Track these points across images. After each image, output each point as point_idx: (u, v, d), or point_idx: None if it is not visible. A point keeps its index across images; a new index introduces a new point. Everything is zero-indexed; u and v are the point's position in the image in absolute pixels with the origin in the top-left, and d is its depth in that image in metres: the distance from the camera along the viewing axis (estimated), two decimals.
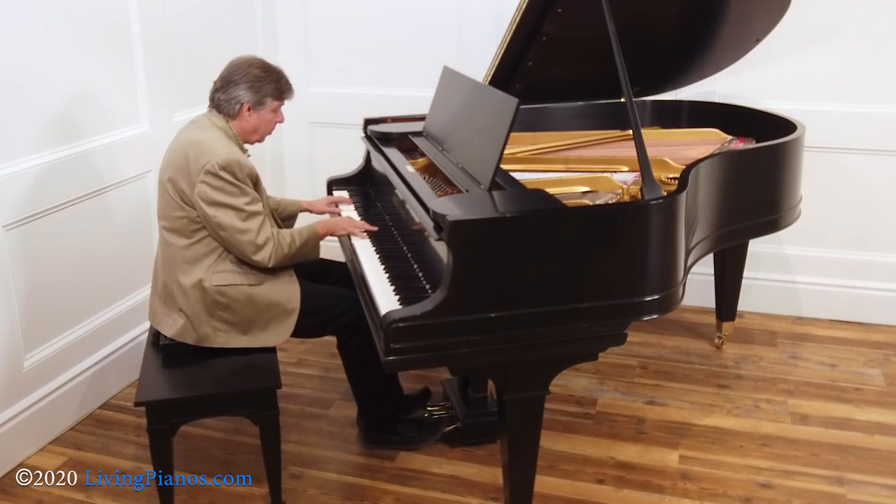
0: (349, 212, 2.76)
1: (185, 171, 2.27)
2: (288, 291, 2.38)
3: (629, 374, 3.18)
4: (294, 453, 2.67)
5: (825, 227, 3.56)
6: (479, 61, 2.96)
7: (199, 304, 2.32)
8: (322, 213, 2.79)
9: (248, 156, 2.44)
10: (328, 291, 2.50)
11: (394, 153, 2.72)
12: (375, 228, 2.54)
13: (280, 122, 2.49)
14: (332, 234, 2.52)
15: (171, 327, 2.35)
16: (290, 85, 2.47)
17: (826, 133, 3.38)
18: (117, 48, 2.97)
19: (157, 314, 2.42)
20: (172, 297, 2.36)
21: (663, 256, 2.04)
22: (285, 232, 2.38)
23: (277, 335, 2.38)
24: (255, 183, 2.34)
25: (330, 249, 3.10)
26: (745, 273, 3.31)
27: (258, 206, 2.30)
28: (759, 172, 2.72)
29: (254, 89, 2.36)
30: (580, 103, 3.32)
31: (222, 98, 2.38)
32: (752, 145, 2.86)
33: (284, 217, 2.76)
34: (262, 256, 2.29)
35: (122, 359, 3.08)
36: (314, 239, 2.43)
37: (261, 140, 2.48)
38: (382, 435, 2.68)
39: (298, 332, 2.42)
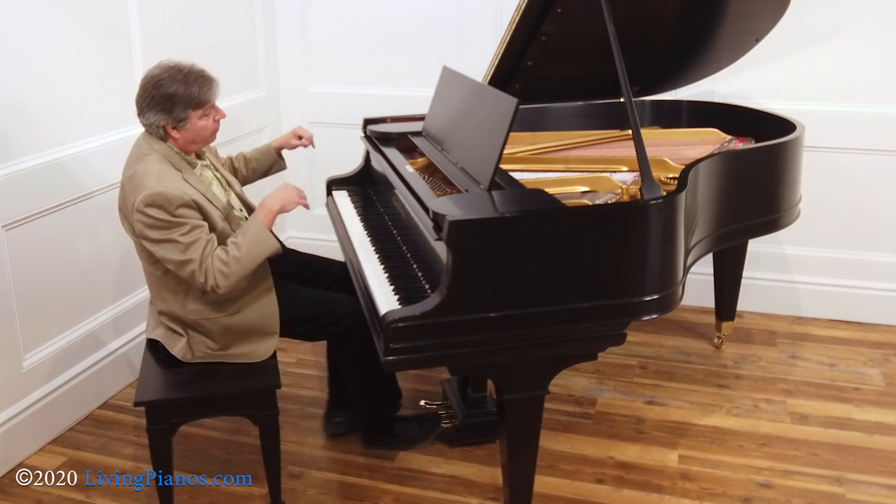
0: (351, 219, 2.74)
1: (125, 209, 2.21)
2: (266, 317, 2.31)
3: (629, 373, 3.18)
4: (294, 453, 2.67)
5: (825, 227, 3.56)
6: (479, 61, 2.96)
7: (181, 328, 2.32)
8: (294, 146, 2.80)
9: (206, 164, 2.37)
10: (321, 298, 2.45)
11: (393, 153, 2.72)
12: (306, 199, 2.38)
13: (220, 118, 2.31)
14: (282, 212, 2.30)
15: (160, 340, 2.36)
16: (208, 86, 2.23)
17: (826, 133, 3.38)
18: (116, 48, 2.97)
19: (149, 326, 2.42)
20: (157, 318, 2.36)
21: (663, 256, 2.04)
22: (225, 246, 2.19)
23: (258, 354, 2.33)
24: (198, 206, 2.17)
25: (330, 249, 3.10)
26: (745, 273, 3.31)
27: (197, 234, 2.14)
28: (758, 172, 2.72)
29: (166, 110, 2.18)
30: (580, 103, 3.32)
31: (144, 123, 2.24)
32: (752, 145, 2.86)
33: (266, 169, 2.76)
34: (210, 285, 2.15)
35: (122, 359, 3.08)
36: (261, 233, 2.21)
37: (207, 143, 2.35)
38: (381, 438, 2.67)
39: (290, 336, 2.42)
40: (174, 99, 2.18)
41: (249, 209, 2.50)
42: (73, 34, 2.76)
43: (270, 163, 2.79)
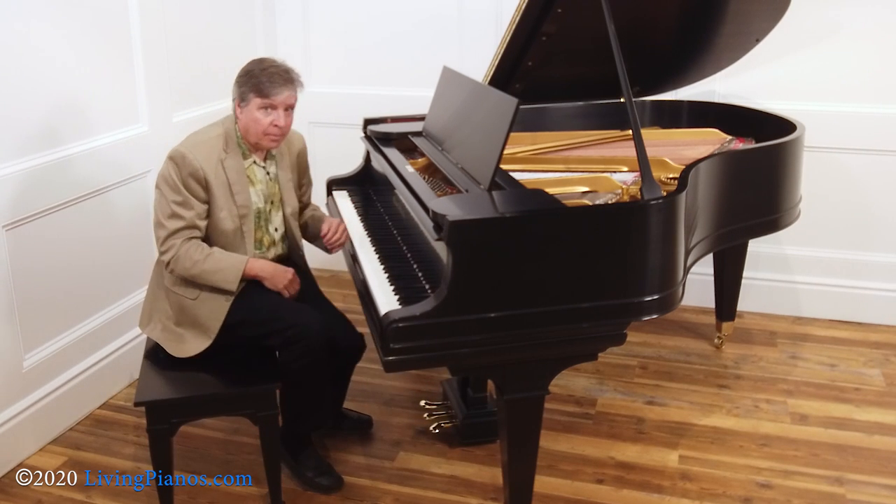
0: (351, 219, 2.73)
1: None
2: (211, 318, 2.32)
3: (629, 374, 3.18)
4: None
5: (825, 227, 3.56)
6: (479, 61, 2.97)
7: (154, 289, 2.43)
8: (322, 233, 2.60)
9: (262, 166, 2.40)
10: (280, 306, 2.35)
11: (393, 153, 2.72)
12: (292, 292, 2.39)
13: (276, 125, 2.30)
14: (263, 282, 2.35)
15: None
16: (276, 83, 2.27)
17: (826, 133, 3.38)
18: (117, 48, 2.97)
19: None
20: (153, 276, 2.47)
21: (663, 256, 2.04)
22: (210, 249, 2.28)
23: (190, 350, 2.33)
24: (207, 185, 2.27)
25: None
26: (745, 273, 3.31)
27: (185, 212, 2.25)
28: (758, 172, 2.72)
29: (239, 84, 2.32)
30: (580, 103, 3.32)
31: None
32: (752, 145, 2.86)
33: (310, 237, 2.64)
34: (164, 259, 2.29)
35: (122, 359, 3.08)
36: (233, 272, 2.28)
37: (259, 145, 2.35)
38: (285, 453, 2.50)
39: (239, 339, 2.37)
40: (247, 76, 2.31)
41: (291, 238, 2.51)
42: (73, 35, 2.75)
43: (316, 234, 2.62)
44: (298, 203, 2.58)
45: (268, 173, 2.44)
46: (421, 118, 2.90)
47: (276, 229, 2.48)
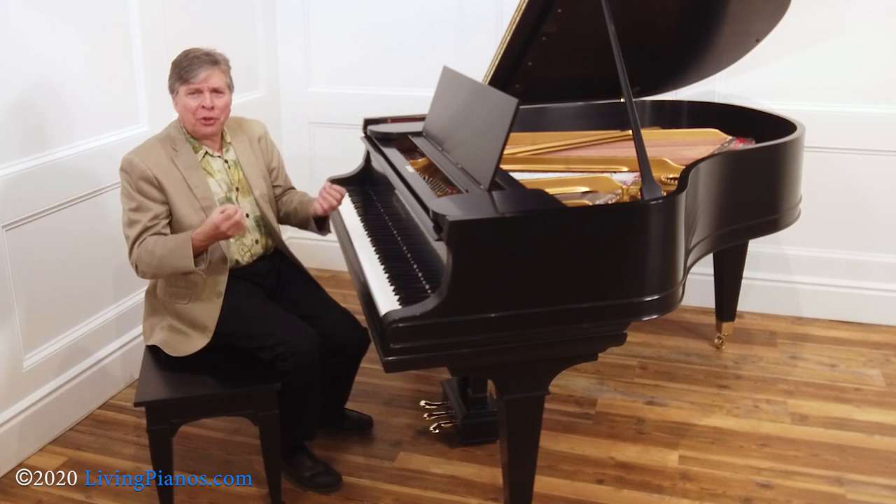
0: (351, 219, 2.73)
1: None
2: (206, 318, 2.34)
3: (629, 374, 3.18)
4: None
5: (825, 227, 3.56)
6: (479, 61, 2.97)
7: (151, 303, 2.44)
8: (315, 208, 2.55)
9: (218, 156, 2.41)
10: (270, 320, 2.35)
11: (393, 153, 2.72)
12: (237, 219, 2.18)
13: (203, 106, 2.30)
14: (213, 240, 2.23)
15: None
16: (194, 65, 2.28)
17: (826, 133, 3.38)
18: (117, 48, 2.97)
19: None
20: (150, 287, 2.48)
21: (663, 256, 2.04)
22: (158, 238, 2.26)
23: (192, 346, 2.34)
24: (160, 185, 2.28)
25: (330, 250, 3.09)
26: (745, 273, 3.31)
27: (139, 216, 2.27)
28: (758, 173, 2.72)
29: (169, 77, 2.34)
30: (580, 103, 3.32)
31: None
32: (752, 145, 2.86)
33: (297, 223, 2.61)
34: (132, 264, 2.30)
35: (122, 359, 3.08)
36: (183, 248, 2.21)
37: (197, 132, 2.35)
38: (281, 458, 2.49)
39: (235, 345, 2.38)
40: (173, 67, 2.34)
41: (267, 222, 2.49)
42: (74, 36, 2.76)
43: (304, 218, 2.57)
44: (273, 187, 2.60)
45: (226, 161, 2.45)
46: (421, 118, 2.91)
47: (247, 215, 2.46)
